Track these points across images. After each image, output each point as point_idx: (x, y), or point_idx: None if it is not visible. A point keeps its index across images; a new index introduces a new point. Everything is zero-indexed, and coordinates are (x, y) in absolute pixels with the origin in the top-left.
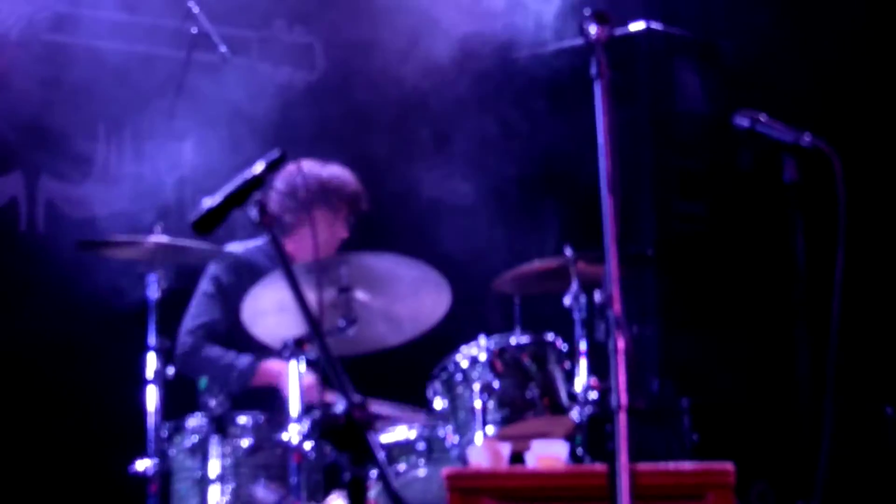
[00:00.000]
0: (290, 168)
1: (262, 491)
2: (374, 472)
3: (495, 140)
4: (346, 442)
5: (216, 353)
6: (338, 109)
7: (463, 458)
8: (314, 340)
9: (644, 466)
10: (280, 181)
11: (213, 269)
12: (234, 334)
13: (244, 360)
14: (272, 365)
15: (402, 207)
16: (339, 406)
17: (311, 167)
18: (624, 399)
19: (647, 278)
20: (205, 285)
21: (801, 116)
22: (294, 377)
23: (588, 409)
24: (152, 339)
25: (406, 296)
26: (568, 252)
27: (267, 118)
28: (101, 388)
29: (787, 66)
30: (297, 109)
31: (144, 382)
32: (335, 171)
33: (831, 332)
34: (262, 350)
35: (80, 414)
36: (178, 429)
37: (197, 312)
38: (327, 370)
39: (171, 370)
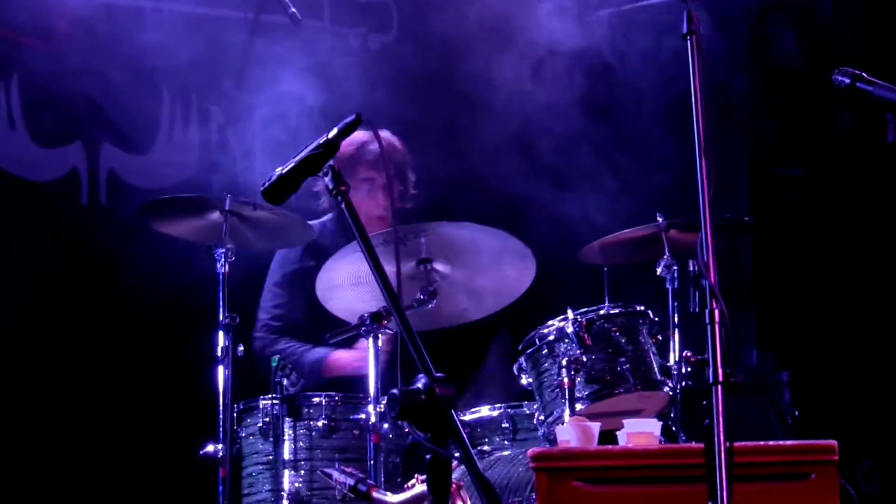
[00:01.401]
0: None
1: (338, 474)
2: (456, 453)
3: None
4: (427, 421)
5: (288, 349)
6: (413, 72)
7: (550, 438)
8: (393, 314)
9: (743, 444)
10: None
11: (280, 254)
12: (312, 318)
13: (312, 355)
14: (341, 357)
15: (480, 175)
16: (420, 382)
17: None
18: (721, 373)
19: (744, 246)
20: (274, 273)
21: None
22: (371, 354)
23: (683, 384)
24: (221, 316)
25: (488, 267)
26: (660, 219)
27: (339, 82)
28: (170, 366)
29: (886, 23)
30: (372, 72)
31: (214, 361)
32: (371, 138)
33: None
34: (341, 328)
35: (149, 394)
36: (249, 409)
37: (266, 306)
38: (408, 345)
39: (241, 348)
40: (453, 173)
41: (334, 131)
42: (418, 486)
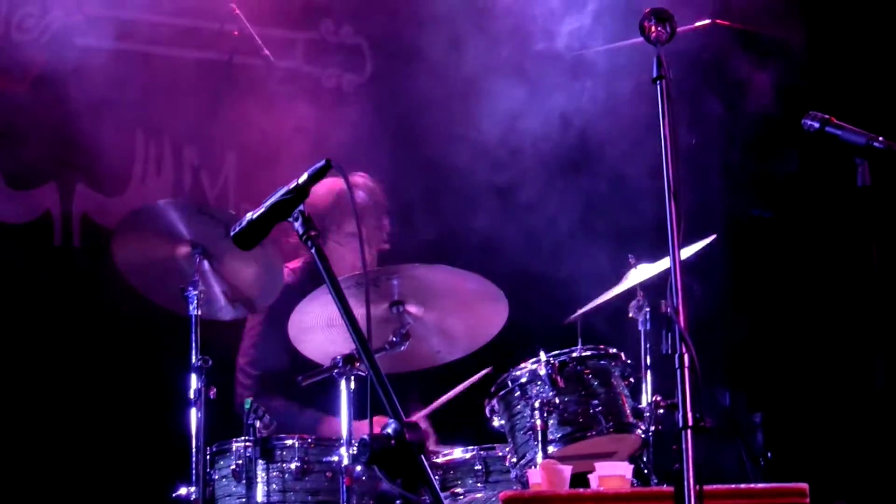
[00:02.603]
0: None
1: None
2: (427, 498)
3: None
4: (397, 466)
5: (280, 406)
6: (387, 113)
7: (523, 480)
8: (363, 357)
9: (713, 487)
10: None
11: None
12: (295, 363)
13: (304, 419)
14: (334, 423)
15: (457, 215)
16: (390, 427)
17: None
18: (690, 417)
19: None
20: (256, 317)
21: (880, 116)
22: (344, 396)
23: (655, 427)
24: (194, 358)
25: (461, 309)
26: (631, 260)
27: (315, 123)
28: (142, 408)
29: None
30: (347, 113)
31: (187, 404)
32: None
33: None
34: (313, 370)
35: (121, 436)
36: (222, 452)
37: (252, 351)
38: (377, 389)
39: (213, 390)
40: (427, 215)
41: (304, 177)
42: None
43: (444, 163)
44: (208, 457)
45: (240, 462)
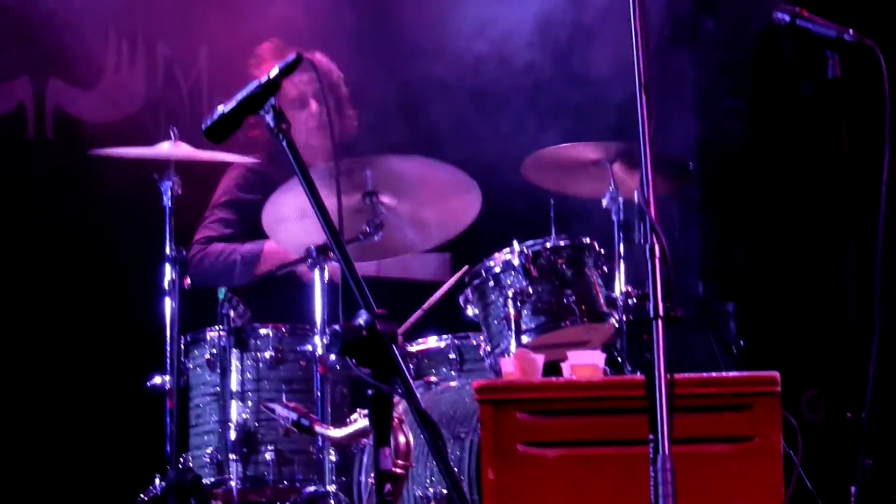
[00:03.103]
0: None
1: (281, 408)
2: (398, 387)
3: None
4: (368, 356)
5: (217, 248)
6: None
7: (497, 369)
8: (334, 249)
9: (684, 376)
10: None
11: (226, 180)
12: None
13: (246, 245)
14: (276, 246)
15: (432, 103)
16: (361, 318)
17: None
18: (661, 307)
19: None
20: (218, 196)
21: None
22: (318, 287)
23: (628, 316)
24: (168, 249)
25: (434, 200)
26: (606, 147)
27: (291, 19)
28: (116, 300)
29: None
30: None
31: (161, 294)
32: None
33: (878, 233)
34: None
35: (96, 327)
36: (197, 341)
37: (206, 224)
38: (348, 280)
39: (188, 280)
40: (398, 104)
41: (275, 70)
42: (360, 421)
43: (420, 65)
44: (182, 346)
45: (214, 351)
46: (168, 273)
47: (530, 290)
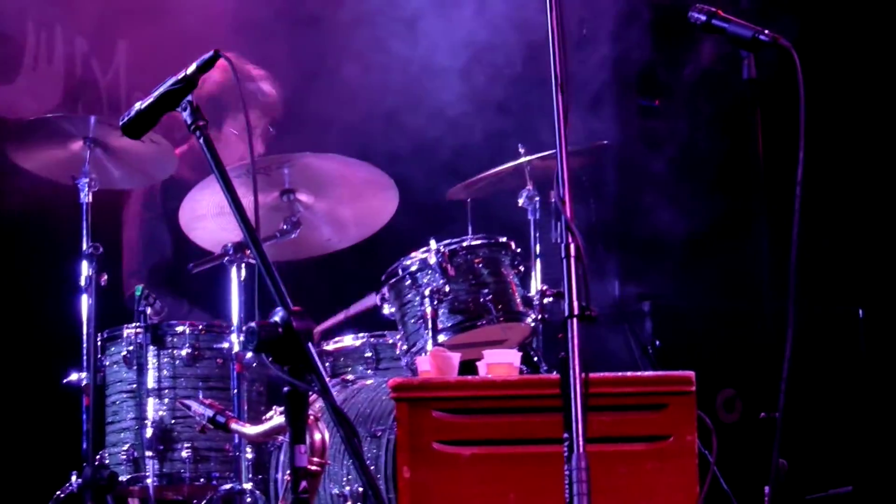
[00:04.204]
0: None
1: (196, 405)
2: (314, 385)
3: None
4: (284, 354)
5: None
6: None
7: (413, 367)
8: (250, 245)
9: (600, 375)
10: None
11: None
12: (178, 252)
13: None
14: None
15: (346, 106)
16: (277, 315)
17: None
18: (576, 306)
19: (607, 178)
20: (142, 210)
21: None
22: (235, 284)
23: (543, 315)
24: (85, 245)
25: (352, 198)
26: (521, 150)
27: (214, 10)
28: (32, 297)
29: None
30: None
31: (77, 290)
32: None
33: (793, 232)
34: (205, 258)
35: (12, 324)
36: (113, 338)
37: (141, 246)
38: (264, 277)
39: (104, 277)
40: (319, 105)
41: (193, 67)
42: (276, 418)
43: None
44: (99, 343)
45: (131, 348)
46: (85, 269)
47: (447, 289)
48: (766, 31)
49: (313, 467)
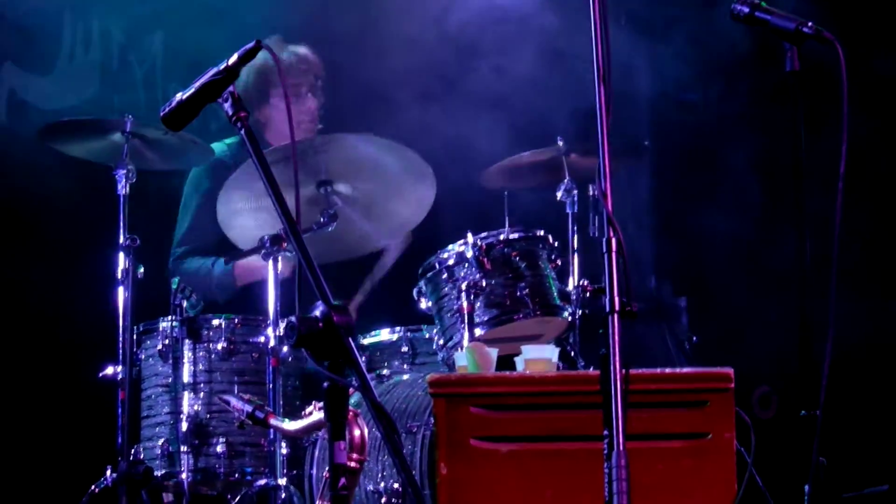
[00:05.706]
0: None
1: (236, 400)
2: (354, 380)
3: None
4: (324, 349)
5: (195, 265)
6: None
7: (449, 362)
8: (290, 239)
9: (639, 372)
10: None
11: (194, 173)
12: (223, 240)
13: (218, 266)
14: (248, 262)
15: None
16: (317, 310)
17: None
18: (617, 302)
19: (642, 171)
20: (188, 194)
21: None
22: (271, 277)
23: (582, 311)
24: (121, 238)
25: (389, 190)
26: (560, 143)
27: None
28: (69, 289)
29: None
30: None
31: (114, 283)
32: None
33: (835, 227)
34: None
35: (48, 316)
36: (149, 331)
37: (180, 227)
38: (304, 270)
39: (141, 270)
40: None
41: (234, 57)
42: (316, 414)
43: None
44: (135, 336)
45: (166, 342)
46: (121, 262)
47: (483, 283)
48: (810, 24)
49: (352, 464)
